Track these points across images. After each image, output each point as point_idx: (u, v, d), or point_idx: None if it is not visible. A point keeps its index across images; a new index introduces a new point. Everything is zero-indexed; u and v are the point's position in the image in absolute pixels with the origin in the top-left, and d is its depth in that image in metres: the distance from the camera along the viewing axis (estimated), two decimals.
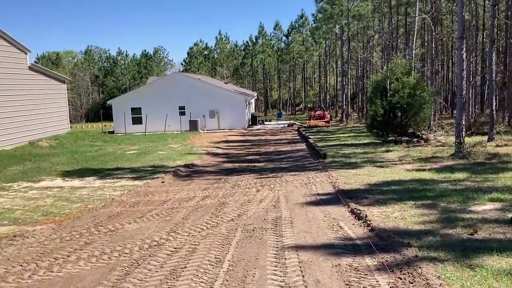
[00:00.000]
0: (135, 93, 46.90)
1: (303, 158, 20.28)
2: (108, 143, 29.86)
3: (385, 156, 18.83)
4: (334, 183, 12.60)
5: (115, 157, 22.11)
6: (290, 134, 37.66)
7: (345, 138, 30.59)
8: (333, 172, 14.59)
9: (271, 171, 16.26)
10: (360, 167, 15.58)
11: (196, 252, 7.03)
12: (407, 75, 24.34)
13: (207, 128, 42.63)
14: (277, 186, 12.94)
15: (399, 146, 22.30)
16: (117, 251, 7.27)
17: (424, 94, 24.04)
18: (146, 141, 31.30)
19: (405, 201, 9.56)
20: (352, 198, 10.43)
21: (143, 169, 18.09)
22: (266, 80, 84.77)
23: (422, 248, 6.43)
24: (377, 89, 24.67)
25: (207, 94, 43.36)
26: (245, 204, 10.77)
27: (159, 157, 21.83)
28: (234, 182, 14.25)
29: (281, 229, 8.23)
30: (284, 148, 25.40)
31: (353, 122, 47.76)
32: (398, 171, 14.31)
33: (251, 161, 19.99)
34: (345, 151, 21.62)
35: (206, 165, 19.22)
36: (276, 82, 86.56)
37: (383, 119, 23.83)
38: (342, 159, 18.55)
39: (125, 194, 12.72)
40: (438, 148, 20.63)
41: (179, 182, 14.92)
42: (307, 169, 16.26)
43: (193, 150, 25.37)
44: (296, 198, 11.15)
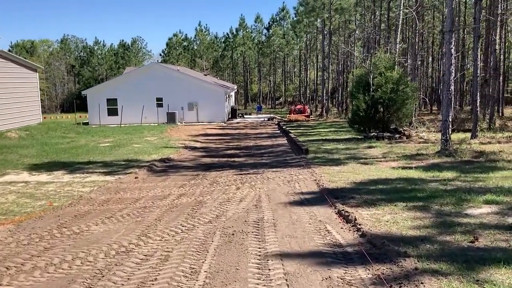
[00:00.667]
0: (111, 83, 45.53)
1: (285, 153, 19.61)
2: (81, 135, 28.71)
3: (368, 152, 18.28)
4: (318, 181, 11.94)
5: (87, 150, 21.09)
6: (271, 128, 36.99)
7: (325, 133, 30.06)
8: (317, 169, 13.94)
9: (252, 167, 15.54)
10: (344, 164, 14.97)
11: (168, 261, 6.27)
12: (391, 69, 23.85)
13: (186, 121, 41.63)
14: (258, 184, 12.22)
15: (381, 142, 21.81)
16: (79, 259, 6.46)
17: (407, 90, 23.60)
18: (121, 133, 30.23)
19: (395, 203, 8.94)
20: (339, 198, 9.78)
21: (116, 163, 17.17)
22: (246, 73, 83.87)
23: (421, 258, 5.79)
24: (359, 84, 24.12)
25: (186, 85, 42.30)
26: (224, 203, 10.03)
27: (134, 151, 20.90)
28: (213, 178, 13.49)
29: (264, 233, 7.52)
30: (265, 143, 24.70)
31: (333, 117, 47.34)
32: (384, 168, 13.74)
33: (230, 156, 19.24)
34: (327, 146, 21.03)
35: (183, 160, 18.40)
36: (256, 75, 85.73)
37: (365, 114, 23.30)
38: (324, 155, 17.94)
39: (95, 191, 11.85)
40: (422, 145, 20.20)
41: (153, 178, 14.10)
42: (289, 165, 15.59)
43: (170, 143, 24.48)
44: (279, 197, 10.45)
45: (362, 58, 33.40)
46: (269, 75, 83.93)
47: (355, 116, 23.90)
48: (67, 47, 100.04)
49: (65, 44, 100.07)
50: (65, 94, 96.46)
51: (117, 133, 30.73)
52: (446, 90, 16.06)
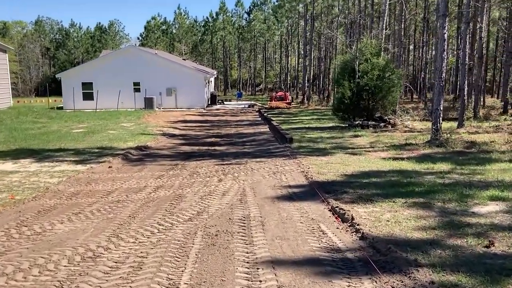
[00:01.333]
0: (87, 66, 43.95)
1: (268, 142, 18.79)
2: (53, 120, 27.38)
3: (354, 141, 17.59)
4: (306, 173, 11.15)
5: (59, 136, 19.91)
6: (251, 115, 36.10)
7: (308, 121, 29.31)
8: (303, 160, 13.15)
9: (234, 157, 14.68)
10: (331, 154, 14.21)
11: (142, 269, 5.40)
12: (377, 56, 23.15)
13: (164, 107, 40.41)
14: (241, 175, 11.38)
15: (366, 131, 21.16)
16: (38, 266, 5.54)
17: (393, 77, 22.96)
18: (96, 119, 28.99)
19: (393, 198, 8.21)
20: (330, 192, 9.00)
21: (89, 150, 16.11)
22: (226, 58, 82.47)
23: (435, 268, 5.05)
24: (345, 70, 23.38)
25: (164, 70, 40.99)
26: (205, 197, 9.17)
27: (109, 137, 19.82)
28: (193, 169, 12.59)
29: (251, 233, 6.70)
30: (246, 131, 23.82)
31: (314, 105, 46.63)
32: (374, 159, 13.03)
33: (211, 144, 18.33)
34: (311, 135, 20.28)
35: (161, 148, 17.43)
36: (236, 61, 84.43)
37: (350, 102, 22.61)
38: (309, 144, 17.17)
39: (64, 182, 10.85)
40: (408, 134, 19.60)
41: (129, 167, 13.13)
42: (274, 155, 14.78)
43: (147, 130, 23.43)
44: (265, 190, 9.64)
45: (347, 43, 32.61)
46: (250, 61, 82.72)
47: (340, 104, 23.18)
48: (42, 29, 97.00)
49: (39, 26, 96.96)
50: (40, 77, 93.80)
51: (92, 118, 29.46)
52: (438, 77, 15.40)
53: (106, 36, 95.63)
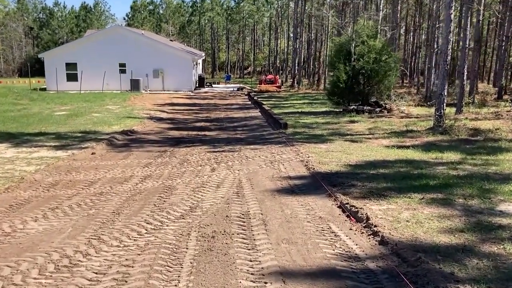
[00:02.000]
0: (71, 46, 42.30)
1: (260, 127, 17.91)
2: (35, 102, 26.14)
3: (351, 127, 16.79)
4: (307, 162, 10.30)
5: (40, 119, 18.80)
6: (241, 98, 35.13)
7: (300, 105, 28.42)
8: (301, 147, 12.30)
9: (226, 143, 13.78)
10: (330, 141, 13.39)
11: (127, 283, 4.53)
12: (373, 38, 22.27)
13: (150, 89, 39.21)
14: (236, 164, 10.51)
15: (362, 116, 20.38)
16: (1, 280, 4.64)
17: (389, 60, 22.11)
18: (80, 101, 27.79)
19: (408, 193, 7.42)
20: (336, 185, 8.18)
21: (71, 135, 15.09)
22: (214, 40, 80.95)
23: (479, 284, 4.26)
24: (340, 52, 22.46)
25: (151, 51, 39.66)
26: (198, 190, 8.30)
27: (93, 121, 18.76)
28: (183, 156, 11.68)
29: (253, 235, 5.87)
30: (237, 115, 22.89)
31: (304, 88, 45.73)
32: (377, 147, 12.22)
33: (201, 129, 17.40)
34: (305, 120, 19.43)
35: (148, 132, 16.46)
36: (225, 43, 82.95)
37: (345, 86, 21.74)
38: (305, 130, 16.33)
39: (41, 171, 9.88)
40: (406, 120, 18.85)
41: (113, 154, 12.17)
42: (269, 141, 13.91)
43: (134, 113, 22.38)
44: (263, 182, 8.79)
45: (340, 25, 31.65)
46: (238, 43, 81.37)
47: (334, 88, 22.30)
48: (25, 7, 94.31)
49: (22, 4, 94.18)
50: (23, 57, 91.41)
51: (76, 100, 28.26)
52: (443, 60, 14.58)
53: (91, 15, 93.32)
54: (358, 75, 22.03)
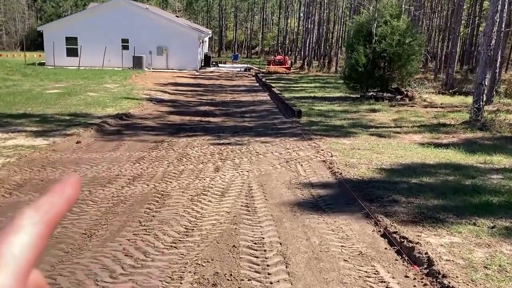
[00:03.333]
0: (72, 19, 40.30)
1: (271, 113, 16.12)
2: (27, 78, 24.36)
3: (373, 117, 14.98)
4: (330, 163, 8.54)
5: (28, 98, 17.07)
6: (248, 80, 33.25)
7: (311, 89, 26.58)
8: (320, 142, 10.53)
9: (233, 133, 12.02)
10: (353, 135, 11.60)
11: None
12: (397, 18, 20.28)
13: (154, 67, 37.33)
14: (244, 162, 8.77)
15: (382, 104, 18.56)
16: None
17: (414, 43, 20.16)
18: (78, 78, 26.02)
19: (470, 217, 5.68)
20: (373, 200, 6.44)
21: (58, 118, 13.36)
22: (221, 18, 78.47)
23: None
24: (360, 33, 20.50)
25: (156, 27, 37.66)
26: (198, 199, 6.59)
27: (86, 101, 17.02)
28: (182, 149, 9.95)
29: (270, 283, 4.16)
30: (244, 98, 21.09)
31: (315, 71, 43.77)
32: (410, 145, 10.42)
33: (204, 114, 15.64)
34: (320, 107, 17.63)
35: (146, 117, 14.71)
36: (232, 21, 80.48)
37: (365, 70, 19.83)
38: (321, 119, 14.54)
39: (10, 165, 8.17)
40: (432, 110, 17.02)
41: (102, 143, 10.45)
42: (281, 133, 12.12)
43: (133, 93, 20.61)
44: (279, 190, 7.06)
45: (361, 1, 29.49)
46: (246, 21, 78.91)
47: (352, 72, 20.39)
48: None
49: None
50: (26, 30, 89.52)
51: (73, 77, 26.48)
52: (486, 44, 12.65)
53: None
54: (378, 59, 20.14)
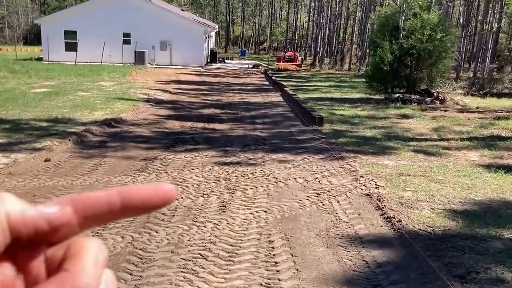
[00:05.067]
0: (71, 12, 38.15)
1: (286, 119, 13.83)
2: (15, 75, 22.15)
3: (407, 126, 12.65)
4: (379, 200, 6.20)
5: (7, 99, 14.84)
6: (257, 77, 30.98)
7: (326, 88, 24.27)
8: (356, 163, 8.20)
9: (243, 146, 9.74)
10: (393, 152, 9.27)
11: None
12: (427, 10, 17.91)
13: (157, 63, 35.10)
14: (260, 196, 6.49)
15: (411, 107, 16.26)
16: None
17: (446, 39, 17.78)
18: (72, 75, 23.81)
19: None
20: (464, 278, 4.12)
21: (33, 124, 11.14)
22: (229, 12, 76.06)
23: None
24: (385, 27, 18.13)
25: (159, 21, 35.37)
26: (192, 269, 4.32)
27: (74, 103, 14.81)
28: (178, 172, 7.67)
29: None
30: (254, 99, 18.81)
31: (327, 68, 41.43)
32: (471, 169, 8.00)
33: (209, 119, 13.38)
34: (342, 111, 15.33)
35: (140, 123, 12.46)
36: (240, 16, 78.12)
37: (391, 68, 17.49)
38: (346, 127, 12.24)
39: None
40: (470, 115, 14.69)
41: (78, 161, 8.21)
42: (303, 146, 9.82)
43: (129, 92, 18.39)
44: (313, 250, 4.79)
45: None
46: (254, 16, 76.52)
47: (376, 70, 18.04)
48: None
49: None
50: (29, 24, 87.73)
51: (67, 73, 24.27)
52: None
53: None
54: (405, 56, 17.79)
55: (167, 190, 0.38)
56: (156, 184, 0.38)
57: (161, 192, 0.37)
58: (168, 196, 0.38)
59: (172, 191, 0.38)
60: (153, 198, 0.37)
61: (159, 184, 0.38)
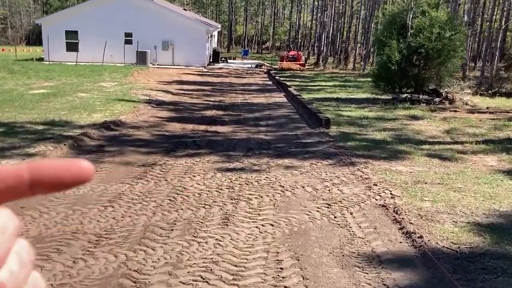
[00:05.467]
0: (72, 12, 37.74)
1: (291, 121, 13.34)
2: (14, 75, 21.71)
3: (418, 127, 12.15)
4: (395, 211, 5.71)
5: (3, 100, 14.39)
6: (260, 77, 30.51)
7: (331, 88, 23.77)
8: (368, 169, 7.71)
9: (246, 150, 9.26)
10: (406, 156, 8.77)
11: None
12: (435, 8, 17.39)
13: (159, 63, 34.68)
14: (266, 207, 6.01)
15: (419, 108, 15.78)
16: None
17: (455, 37, 17.26)
18: (73, 75, 23.39)
19: None
20: None
21: (28, 128, 10.69)
22: (231, 12, 75.56)
23: None
24: (392, 25, 17.62)
25: (161, 20, 34.93)
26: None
27: (73, 104, 14.37)
28: (178, 179, 7.20)
29: None
30: (257, 100, 18.34)
31: (331, 67, 40.91)
32: (491, 175, 7.48)
33: (211, 121, 12.91)
34: (348, 112, 14.84)
35: (140, 125, 12.00)
36: (243, 15, 77.64)
37: (398, 68, 16.98)
38: (355, 129, 11.75)
39: None
40: (482, 116, 14.18)
41: None
42: (310, 151, 9.32)
43: (130, 93, 17.94)
44: (327, 272, 4.30)
45: None
46: (257, 15, 76.03)
47: (383, 70, 17.53)
48: None
49: None
50: (31, 25, 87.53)
51: (67, 74, 23.84)
52: None
53: None
54: (413, 55, 17.28)
55: (82, 167, 0.35)
56: (72, 159, 0.35)
57: (75, 168, 0.35)
58: (82, 174, 0.35)
59: (88, 168, 0.35)
60: (64, 174, 0.35)
61: (75, 159, 0.35)
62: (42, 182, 0.34)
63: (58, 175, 0.34)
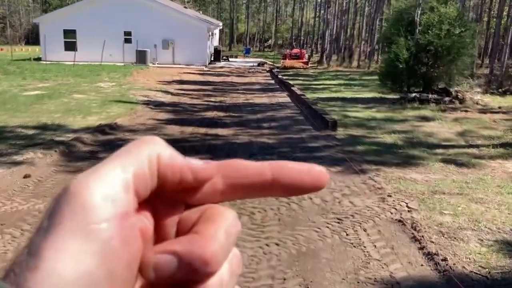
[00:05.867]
0: (70, 11, 37.15)
1: (295, 122, 12.76)
2: (8, 76, 21.17)
3: (429, 129, 11.55)
4: (413, 227, 5.12)
5: None
6: (262, 76, 29.91)
7: (336, 87, 23.16)
8: (379, 177, 7.12)
9: (248, 157, 8.66)
10: (420, 162, 8.17)
11: None
12: (445, 4, 16.78)
13: (159, 62, 34.12)
14: (270, 222, 5.44)
15: (428, 107, 15.17)
16: None
17: (465, 34, 16.64)
18: (70, 75, 22.87)
19: None
20: None
21: (18, 132, 10.16)
22: (233, 9, 74.97)
23: None
24: (399, 22, 17.00)
25: (161, 18, 34.37)
26: None
27: (67, 106, 13.83)
28: None
29: None
30: (260, 100, 17.76)
31: (335, 65, 40.26)
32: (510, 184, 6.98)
33: (211, 123, 12.34)
34: (355, 112, 14.26)
35: (136, 128, 11.45)
36: (244, 13, 77.02)
37: (406, 66, 16.37)
38: (363, 132, 11.16)
39: None
40: (498, 118, 13.56)
41: (62, 177, 7.20)
42: (316, 156, 8.74)
43: (128, 94, 17.40)
44: None
45: None
46: (259, 13, 75.41)
47: (390, 68, 16.92)
48: None
49: None
50: (31, 24, 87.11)
51: (63, 74, 23.33)
52: None
53: None
54: (422, 53, 16.67)
55: (320, 172, 0.34)
56: (309, 164, 0.34)
57: (316, 173, 0.34)
58: (320, 180, 0.34)
59: (326, 175, 0.34)
60: (305, 178, 0.33)
61: (312, 165, 0.34)
62: (284, 183, 0.33)
63: (299, 178, 0.33)
